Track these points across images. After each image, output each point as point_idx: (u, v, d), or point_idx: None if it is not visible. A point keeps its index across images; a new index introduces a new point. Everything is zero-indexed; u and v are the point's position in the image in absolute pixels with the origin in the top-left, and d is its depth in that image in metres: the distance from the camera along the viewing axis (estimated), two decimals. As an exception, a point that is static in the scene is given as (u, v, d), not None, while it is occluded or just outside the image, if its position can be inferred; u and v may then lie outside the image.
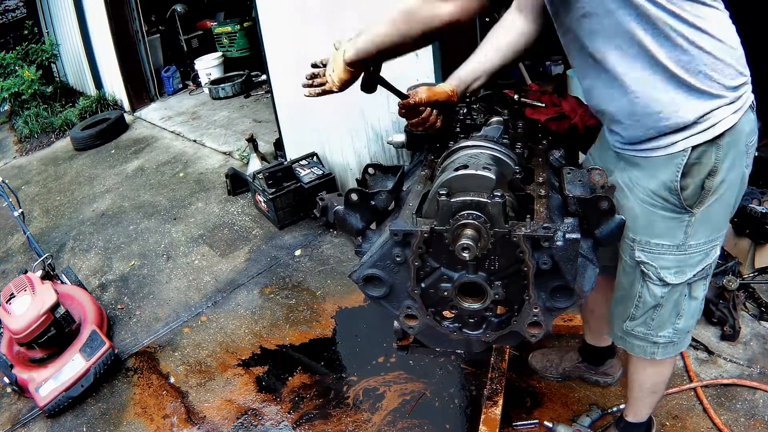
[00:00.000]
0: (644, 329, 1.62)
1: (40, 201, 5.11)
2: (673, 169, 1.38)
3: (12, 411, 2.82)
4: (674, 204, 1.42)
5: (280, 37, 3.82)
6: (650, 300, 1.56)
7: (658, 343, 1.63)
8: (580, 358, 2.31)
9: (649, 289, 1.55)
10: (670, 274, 1.51)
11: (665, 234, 1.47)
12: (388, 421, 2.35)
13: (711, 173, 1.37)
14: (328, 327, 2.96)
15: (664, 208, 1.44)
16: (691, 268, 1.50)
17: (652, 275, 1.52)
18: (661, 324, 1.60)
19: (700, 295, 1.58)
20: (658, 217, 1.45)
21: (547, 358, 2.39)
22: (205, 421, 2.54)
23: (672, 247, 1.47)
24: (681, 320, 1.59)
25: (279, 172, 3.80)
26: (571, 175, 1.42)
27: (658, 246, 1.48)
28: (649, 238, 1.49)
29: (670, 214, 1.44)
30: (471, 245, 1.22)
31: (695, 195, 1.40)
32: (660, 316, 1.58)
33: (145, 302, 3.43)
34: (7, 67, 6.98)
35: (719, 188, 1.39)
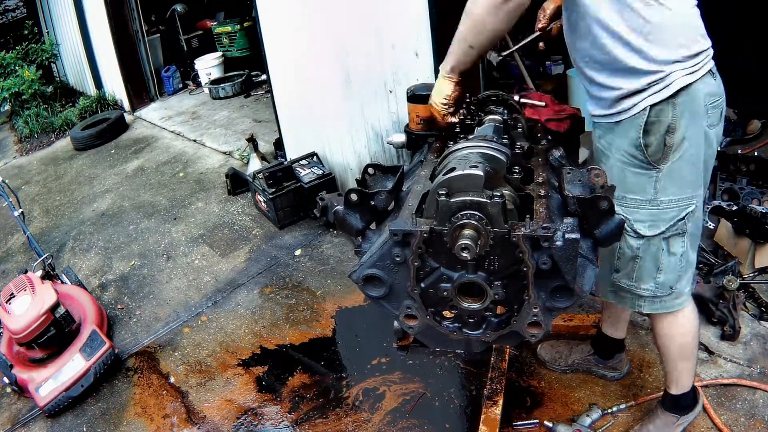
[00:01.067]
0: (627, 281, 1.75)
1: (40, 201, 5.12)
2: (637, 127, 1.55)
3: (12, 411, 2.82)
4: (641, 160, 1.58)
5: (280, 37, 3.82)
6: (628, 252, 1.70)
7: (643, 296, 1.75)
8: (591, 350, 2.34)
9: (626, 241, 1.68)
10: (644, 227, 1.65)
11: (637, 189, 1.62)
12: (388, 421, 2.35)
13: (669, 130, 1.53)
14: (328, 327, 2.96)
15: (633, 165, 1.60)
16: (664, 222, 1.64)
17: (627, 228, 1.65)
18: (641, 276, 1.72)
19: (678, 250, 1.68)
20: (630, 173, 1.61)
21: (556, 349, 2.41)
22: (205, 421, 2.54)
23: (644, 201, 1.62)
24: (661, 274, 1.70)
25: (279, 172, 3.80)
26: (570, 175, 1.42)
27: (632, 200, 1.63)
28: (624, 193, 1.63)
29: (639, 170, 1.60)
30: (470, 245, 1.22)
31: (658, 151, 1.56)
32: (640, 269, 1.71)
33: (145, 302, 3.43)
34: (7, 67, 6.99)
35: (681, 145, 1.55)
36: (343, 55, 3.34)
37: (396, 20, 2.93)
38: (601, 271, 1.75)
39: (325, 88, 3.61)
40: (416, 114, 2.56)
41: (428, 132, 2.15)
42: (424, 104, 2.54)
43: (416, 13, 2.79)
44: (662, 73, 1.50)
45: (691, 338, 1.85)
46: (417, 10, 2.78)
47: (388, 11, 2.95)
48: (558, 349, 2.41)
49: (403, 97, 2.92)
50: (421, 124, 2.56)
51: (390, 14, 2.95)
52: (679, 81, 1.50)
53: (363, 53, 3.20)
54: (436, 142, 1.85)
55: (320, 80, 3.62)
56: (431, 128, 1.90)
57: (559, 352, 2.40)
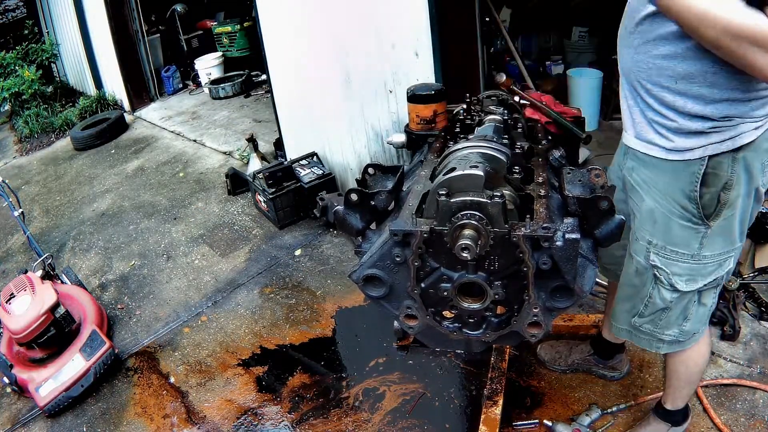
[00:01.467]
0: (651, 327, 1.66)
1: (40, 201, 5.11)
2: (692, 177, 1.40)
3: (12, 411, 2.82)
4: (692, 213, 1.44)
5: (280, 37, 3.82)
6: (659, 303, 1.60)
7: (664, 340, 1.67)
8: (591, 351, 2.33)
9: (659, 293, 1.58)
10: (681, 281, 1.53)
11: (681, 242, 1.49)
12: (388, 421, 2.35)
13: (726, 186, 1.39)
14: (328, 327, 2.96)
15: (681, 217, 1.46)
16: (703, 277, 1.53)
17: (663, 280, 1.55)
18: (668, 324, 1.63)
19: (709, 302, 1.61)
20: (676, 224, 1.48)
21: (555, 349, 2.41)
22: (205, 421, 2.54)
23: (687, 255, 1.50)
24: (688, 323, 1.63)
25: (279, 172, 3.80)
26: (570, 175, 1.42)
27: (673, 253, 1.51)
28: (666, 244, 1.51)
29: (688, 224, 1.46)
30: (471, 245, 1.22)
31: (711, 206, 1.42)
32: (667, 318, 1.62)
33: (145, 302, 3.43)
34: (7, 67, 6.98)
35: (735, 202, 1.42)
36: (343, 55, 3.34)
37: (396, 20, 2.93)
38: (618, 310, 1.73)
39: (325, 88, 3.61)
40: (416, 114, 2.57)
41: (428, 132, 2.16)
42: (424, 104, 2.55)
43: (416, 13, 2.79)
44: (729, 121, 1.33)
45: (702, 365, 1.82)
46: (417, 10, 2.78)
47: (388, 11, 2.95)
48: (558, 349, 2.41)
49: (403, 97, 2.92)
50: (421, 124, 2.56)
51: (390, 14, 2.95)
52: (746, 135, 1.34)
53: (363, 53, 3.20)
54: (436, 142, 1.86)
55: (320, 80, 3.62)
56: None
57: (559, 352, 2.40)
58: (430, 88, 2.59)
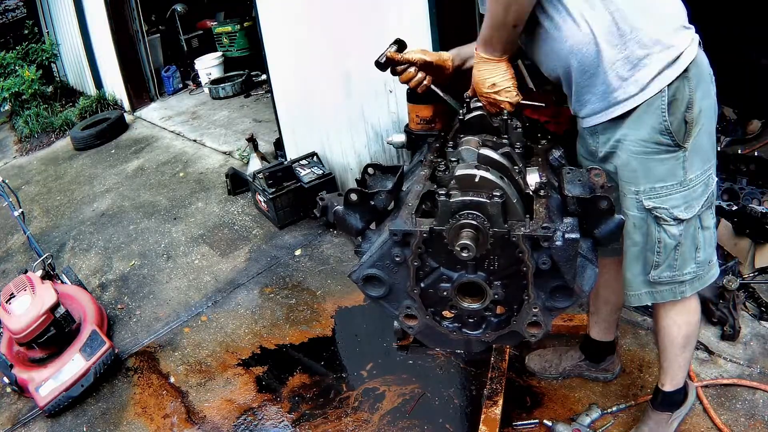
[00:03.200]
0: (670, 272, 1.67)
1: (40, 201, 5.12)
2: (658, 111, 1.47)
3: (12, 411, 2.82)
4: (668, 144, 1.50)
5: (280, 37, 3.82)
6: (670, 241, 1.62)
7: (685, 281, 1.68)
8: (581, 356, 2.31)
9: (666, 231, 1.60)
10: (681, 210, 1.58)
11: (666, 175, 1.54)
12: (388, 421, 2.35)
13: (689, 106, 1.47)
14: (328, 327, 2.96)
15: (658, 152, 1.52)
16: (697, 200, 1.58)
17: (666, 217, 1.58)
18: (684, 261, 1.65)
19: (710, 224, 1.65)
20: (655, 161, 1.53)
21: (545, 359, 2.38)
22: (205, 421, 2.54)
23: (676, 185, 1.55)
24: (700, 252, 1.65)
25: (279, 172, 3.80)
26: (570, 175, 1.42)
27: (663, 188, 1.56)
28: (653, 184, 1.56)
29: (666, 156, 1.52)
30: (470, 245, 1.22)
31: (680, 130, 1.49)
32: (681, 255, 1.64)
33: (145, 302, 3.43)
34: (8, 67, 6.99)
35: (699, 119, 1.50)
36: (343, 54, 3.34)
37: (396, 20, 2.93)
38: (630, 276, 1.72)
39: (325, 88, 3.61)
40: (416, 114, 2.56)
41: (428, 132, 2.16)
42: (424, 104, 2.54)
43: (417, 12, 2.79)
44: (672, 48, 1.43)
45: (695, 326, 1.82)
46: (417, 9, 2.78)
47: (389, 11, 2.95)
48: (547, 358, 2.38)
49: (403, 97, 2.92)
50: (421, 124, 2.56)
51: (390, 14, 2.95)
52: (687, 52, 1.44)
53: (363, 53, 3.20)
54: (436, 142, 1.85)
55: (320, 80, 3.62)
56: None
57: (548, 361, 2.37)
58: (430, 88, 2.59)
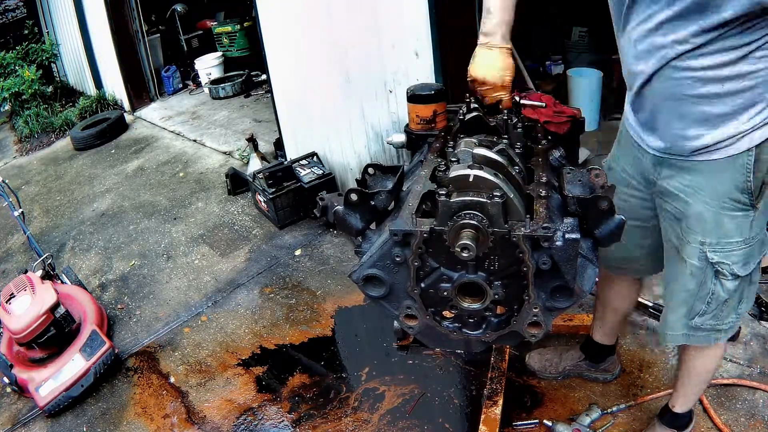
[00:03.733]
0: (713, 321, 1.66)
1: (40, 201, 5.12)
2: (741, 170, 1.40)
3: (12, 411, 2.82)
4: (744, 203, 1.45)
5: (280, 37, 3.82)
6: (723, 295, 1.60)
7: (722, 329, 1.68)
8: (582, 356, 2.31)
9: (722, 285, 1.58)
10: (739, 267, 1.55)
11: (735, 232, 1.50)
12: (388, 421, 2.35)
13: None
14: (328, 327, 2.96)
15: (734, 209, 1.47)
16: (755, 257, 1.57)
17: (726, 272, 1.55)
18: (729, 313, 1.64)
19: (757, 278, 1.64)
20: (728, 218, 1.48)
21: (545, 358, 2.39)
22: (205, 421, 2.54)
23: (741, 242, 1.52)
24: (743, 304, 1.65)
25: (279, 172, 3.80)
26: (570, 175, 1.42)
27: (728, 244, 1.52)
28: (720, 239, 1.51)
29: (740, 213, 1.47)
30: (471, 245, 1.22)
31: (757, 190, 1.43)
32: (728, 307, 1.63)
33: (145, 302, 3.43)
34: (8, 67, 6.98)
35: None
36: (343, 55, 3.34)
37: (396, 20, 2.93)
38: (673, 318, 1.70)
39: (325, 87, 3.61)
40: (416, 114, 2.56)
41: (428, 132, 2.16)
42: (424, 104, 2.54)
43: (417, 12, 2.79)
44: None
45: (719, 359, 1.83)
46: (417, 9, 2.78)
47: (389, 11, 2.95)
48: (547, 357, 2.38)
49: (403, 97, 2.92)
50: (421, 124, 2.56)
51: (390, 14, 2.95)
52: None
53: (363, 53, 3.20)
54: (436, 142, 1.85)
55: (320, 80, 3.63)
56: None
57: (548, 360, 2.37)
58: (430, 88, 2.59)
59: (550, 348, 2.43)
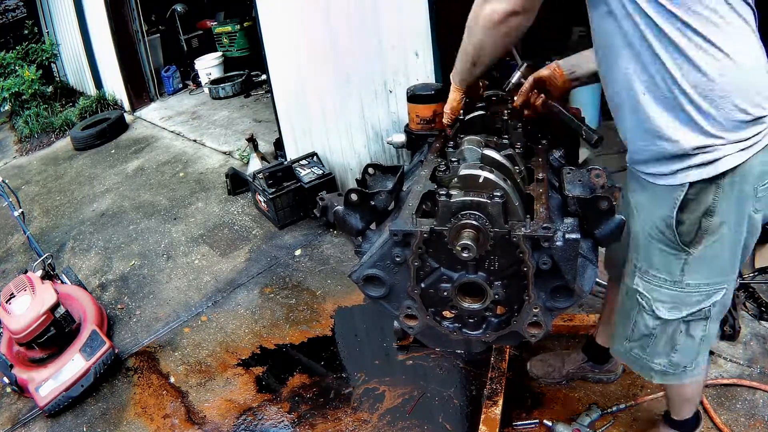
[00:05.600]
0: (640, 352, 1.59)
1: (40, 201, 5.11)
2: (671, 202, 1.32)
3: (12, 411, 2.82)
4: (670, 239, 1.37)
5: (280, 37, 3.82)
6: (642, 329, 1.54)
7: (654, 369, 1.60)
8: (585, 358, 2.30)
9: (643, 318, 1.52)
10: (664, 308, 1.47)
11: (661, 267, 1.43)
12: (388, 421, 2.35)
13: (708, 213, 1.30)
14: (328, 327, 2.96)
15: (661, 241, 1.40)
16: (688, 307, 1.45)
17: (645, 305, 1.50)
18: (656, 353, 1.56)
19: (698, 335, 1.50)
20: (656, 249, 1.42)
21: (547, 363, 2.36)
22: (206, 421, 2.54)
23: (668, 281, 1.43)
24: (676, 354, 1.54)
25: (279, 172, 3.80)
26: (570, 175, 1.42)
27: (654, 277, 1.45)
28: (648, 268, 1.46)
29: (667, 249, 1.39)
30: (471, 245, 1.22)
31: (691, 232, 1.34)
32: (654, 346, 1.55)
33: (145, 302, 3.43)
34: (7, 67, 6.99)
35: (719, 229, 1.32)
36: (342, 54, 3.34)
37: (396, 20, 2.93)
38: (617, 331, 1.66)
39: (325, 87, 3.61)
40: (416, 114, 2.56)
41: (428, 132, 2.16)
42: (424, 104, 2.54)
43: (416, 13, 2.79)
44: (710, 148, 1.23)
45: (698, 389, 1.78)
46: (417, 10, 2.77)
47: (389, 11, 2.95)
48: (549, 362, 2.36)
49: (403, 97, 2.92)
50: (421, 124, 2.56)
51: (390, 14, 2.95)
52: (728, 159, 1.23)
53: (363, 53, 3.20)
54: (436, 142, 1.86)
55: (320, 80, 3.62)
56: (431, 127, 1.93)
57: (551, 366, 2.35)
58: (430, 88, 2.59)
59: (551, 353, 2.41)
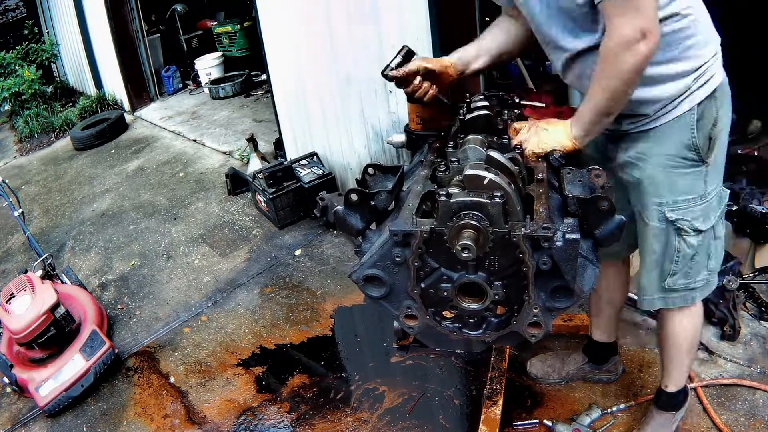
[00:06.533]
0: (684, 280, 1.72)
1: (40, 201, 5.12)
2: (687, 128, 1.53)
3: (12, 411, 2.82)
4: (693, 159, 1.57)
5: (280, 37, 3.82)
6: (688, 251, 1.67)
7: (696, 288, 1.75)
8: (585, 359, 2.30)
9: (686, 242, 1.66)
10: (700, 222, 1.64)
11: (689, 189, 1.60)
12: (388, 421, 2.35)
13: (714, 124, 1.54)
14: (328, 327, 2.96)
15: (684, 166, 1.58)
16: (714, 211, 1.65)
17: (687, 228, 1.64)
18: (698, 270, 1.71)
19: (721, 233, 1.72)
20: (679, 175, 1.59)
21: (547, 363, 2.37)
22: (205, 421, 2.54)
23: (697, 198, 1.61)
24: (712, 260, 1.73)
25: (279, 172, 3.80)
26: (570, 175, 1.42)
27: (685, 201, 1.62)
28: (676, 197, 1.61)
29: (691, 170, 1.58)
30: (471, 245, 1.22)
31: (705, 146, 1.55)
32: (696, 264, 1.70)
33: (145, 302, 3.43)
34: (8, 67, 6.99)
35: (720, 135, 1.57)
36: (343, 54, 3.34)
37: (396, 20, 2.93)
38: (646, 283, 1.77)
39: (325, 87, 3.61)
40: (416, 114, 2.56)
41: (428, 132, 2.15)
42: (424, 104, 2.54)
43: (417, 13, 2.79)
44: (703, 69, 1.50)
45: (699, 330, 1.87)
46: (417, 10, 2.78)
47: (389, 11, 2.95)
48: (549, 363, 2.36)
49: (403, 97, 2.91)
50: (421, 124, 2.56)
51: (390, 14, 2.95)
52: (717, 75, 1.52)
53: (363, 53, 3.20)
54: (436, 142, 1.85)
55: (320, 80, 3.62)
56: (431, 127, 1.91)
57: (551, 366, 2.35)
58: (430, 88, 2.59)
59: (550, 353, 2.41)
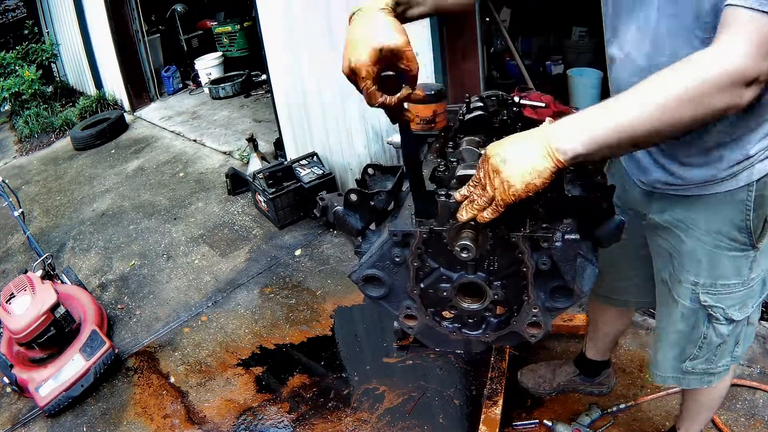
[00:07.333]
0: (705, 365, 1.55)
1: (40, 201, 5.12)
2: (740, 206, 1.28)
3: (12, 411, 2.82)
4: (743, 242, 1.33)
5: (280, 37, 3.82)
6: (716, 339, 1.49)
7: (715, 373, 1.56)
8: (576, 371, 2.27)
9: (715, 330, 1.47)
10: (735, 310, 1.43)
11: (732, 274, 1.38)
12: (388, 421, 2.35)
13: None
14: (328, 327, 2.96)
15: (730, 249, 1.34)
16: (753, 299, 1.44)
17: (719, 316, 1.44)
18: (722, 357, 1.53)
19: (756, 318, 1.53)
20: (726, 257, 1.36)
21: (538, 374, 2.34)
22: (205, 421, 2.54)
23: (738, 284, 1.39)
24: (739, 348, 1.54)
25: (279, 172, 3.80)
26: (570, 175, 1.42)
27: (724, 287, 1.40)
28: (715, 280, 1.40)
29: (737, 253, 1.35)
30: (470, 246, 1.22)
31: (759, 228, 1.31)
32: (722, 351, 1.52)
33: (145, 302, 3.44)
34: (7, 67, 6.99)
35: None
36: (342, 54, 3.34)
37: (396, 20, 2.93)
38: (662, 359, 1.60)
39: (325, 87, 3.61)
40: (416, 114, 2.57)
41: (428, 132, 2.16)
42: (425, 104, 2.55)
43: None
44: None
45: (724, 390, 1.76)
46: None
47: (388, 11, 2.95)
48: (540, 373, 2.33)
49: (402, 98, 2.92)
50: (421, 124, 2.56)
51: (390, 14, 2.95)
52: None
53: (363, 53, 3.20)
54: (436, 142, 1.85)
55: (320, 80, 3.62)
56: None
57: (542, 377, 2.32)
58: (430, 88, 2.59)
59: (542, 364, 2.38)
